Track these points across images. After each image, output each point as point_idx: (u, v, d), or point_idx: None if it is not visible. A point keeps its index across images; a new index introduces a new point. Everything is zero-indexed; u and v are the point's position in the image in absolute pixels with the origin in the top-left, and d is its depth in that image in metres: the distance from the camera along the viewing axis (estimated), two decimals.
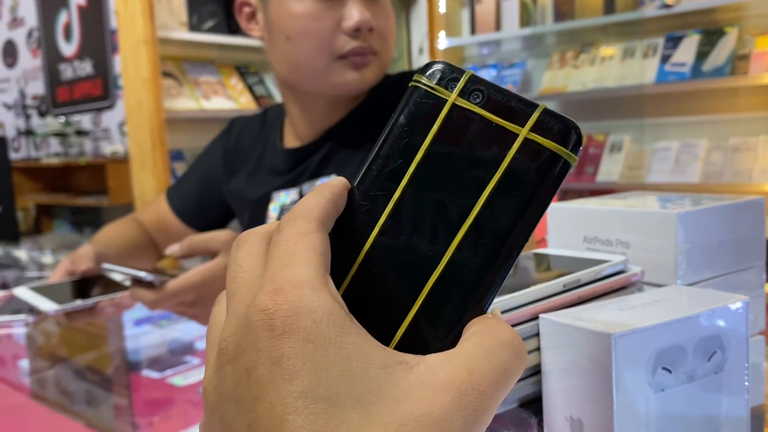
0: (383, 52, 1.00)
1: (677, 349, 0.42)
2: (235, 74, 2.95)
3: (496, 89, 0.28)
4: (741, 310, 0.45)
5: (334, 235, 0.27)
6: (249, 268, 0.26)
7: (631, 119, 3.09)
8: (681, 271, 0.53)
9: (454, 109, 0.28)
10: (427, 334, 0.26)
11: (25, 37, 4.88)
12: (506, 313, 0.47)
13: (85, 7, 4.28)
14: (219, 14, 2.79)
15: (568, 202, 0.62)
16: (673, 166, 2.90)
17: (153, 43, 2.45)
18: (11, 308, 1.07)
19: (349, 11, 0.94)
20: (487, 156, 0.27)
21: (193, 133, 2.85)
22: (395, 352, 0.24)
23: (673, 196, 0.62)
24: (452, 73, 0.28)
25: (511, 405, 0.48)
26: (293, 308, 0.23)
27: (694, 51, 2.84)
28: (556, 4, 3.21)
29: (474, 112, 0.27)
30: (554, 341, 0.45)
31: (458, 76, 0.28)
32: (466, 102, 0.28)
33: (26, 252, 1.87)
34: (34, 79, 4.87)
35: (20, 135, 4.92)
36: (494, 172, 0.27)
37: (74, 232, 4.61)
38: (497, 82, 0.27)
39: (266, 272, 0.25)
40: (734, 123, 2.87)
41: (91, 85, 4.35)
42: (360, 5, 0.95)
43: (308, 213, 0.26)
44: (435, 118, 0.28)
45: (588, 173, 3.10)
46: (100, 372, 0.91)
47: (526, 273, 0.54)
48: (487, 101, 0.27)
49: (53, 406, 0.78)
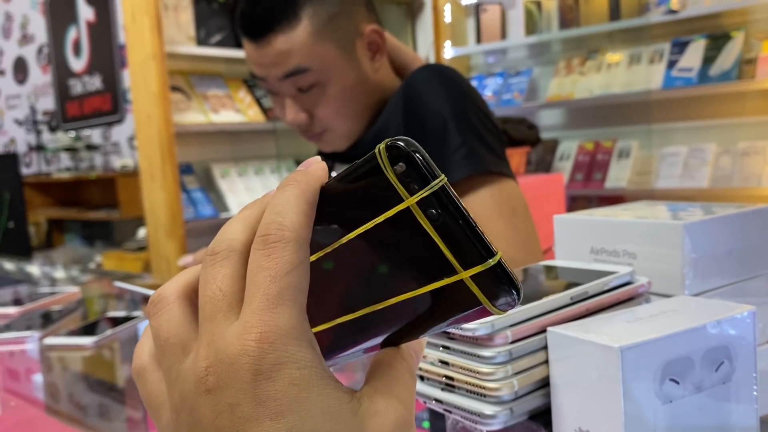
0: (334, 127, 1.06)
1: (685, 360, 0.42)
2: (243, 87, 2.97)
3: (457, 216, 0.25)
4: (748, 320, 0.45)
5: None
6: (228, 291, 0.27)
7: (639, 125, 3.09)
8: (688, 281, 0.53)
9: (406, 211, 0.25)
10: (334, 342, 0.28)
11: (35, 53, 4.93)
12: (514, 327, 0.48)
13: (94, 22, 4.32)
14: (226, 28, 2.81)
15: (575, 213, 0.63)
16: (682, 171, 2.89)
17: (161, 58, 2.47)
18: (24, 324, 1.08)
19: (286, 112, 1.05)
20: (422, 267, 0.26)
21: (202, 146, 2.87)
22: (348, 388, 0.27)
23: (683, 205, 0.62)
24: (421, 172, 0.25)
25: (520, 417, 0.48)
26: (280, 358, 0.25)
27: (700, 56, 2.84)
28: (562, 12, 3.22)
29: (423, 228, 0.25)
30: (562, 354, 0.45)
31: (425, 179, 0.25)
32: (421, 214, 0.25)
33: (38, 267, 1.88)
34: (45, 95, 4.91)
35: (31, 150, 4.97)
36: (416, 288, 0.26)
37: (85, 245, 4.63)
38: (504, 91, 0.27)
39: (250, 306, 0.25)
40: (742, 127, 2.87)
41: (100, 100, 4.39)
42: (291, 106, 1.04)
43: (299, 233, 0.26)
44: (387, 205, 0.26)
45: (596, 179, 3.09)
46: (113, 386, 0.92)
47: (535, 284, 0.55)
48: (443, 224, 0.25)
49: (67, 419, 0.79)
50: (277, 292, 0.25)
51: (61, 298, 1.27)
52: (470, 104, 1.04)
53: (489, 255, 0.25)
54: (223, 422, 0.25)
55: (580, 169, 3.16)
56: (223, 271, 0.27)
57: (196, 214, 2.70)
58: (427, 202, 0.25)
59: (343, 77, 1.03)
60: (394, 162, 0.25)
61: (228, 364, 0.25)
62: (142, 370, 0.29)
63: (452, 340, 0.49)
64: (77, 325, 1.08)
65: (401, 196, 0.25)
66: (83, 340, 0.97)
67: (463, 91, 1.05)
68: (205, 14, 2.79)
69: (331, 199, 0.28)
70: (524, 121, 3.12)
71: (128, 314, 1.09)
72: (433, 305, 0.26)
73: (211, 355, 0.25)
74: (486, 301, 0.25)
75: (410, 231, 0.25)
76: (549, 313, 0.49)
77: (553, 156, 3.27)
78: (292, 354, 0.25)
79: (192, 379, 0.26)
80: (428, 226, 0.25)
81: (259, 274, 0.26)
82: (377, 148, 0.26)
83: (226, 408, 0.25)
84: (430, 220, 0.25)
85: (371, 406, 0.27)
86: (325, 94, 1.03)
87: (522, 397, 0.48)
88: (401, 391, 0.28)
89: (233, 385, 0.25)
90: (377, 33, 1.04)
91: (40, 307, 1.20)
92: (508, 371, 0.47)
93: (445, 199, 0.25)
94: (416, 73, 1.07)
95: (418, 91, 1.04)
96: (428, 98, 1.02)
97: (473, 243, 0.25)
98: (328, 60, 1.00)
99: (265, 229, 0.26)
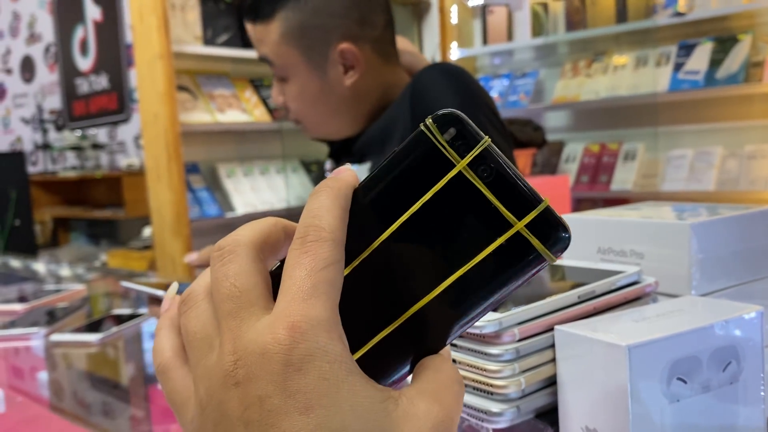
0: (301, 119, 1.15)
1: (692, 359, 0.42)
2: (250, 87, 2.98)
3: (506, 169, 0.26)
4: (756, 320, 0.45)
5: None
6: (244, 286, 0.27)
7: (645, 127, 3.08)
8: (695, 282, 0.53)
9: (458, 175, 0.27)
10: (388, 358, 0.28)
11: (43, 52, 4.95)
12: (522, 325, 0.47)
13: (101, 22, 4.34)
14: (233, 28, 2.82)
15: (582, 213, 0.63)
16: (688, 174, 2.89)
17: (168, 58, 2.48)
18: (29, 321, 1.08)
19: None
20: (476, 234, 0.26)
21: (208, 145, 2.87)
22: (384, 387, 0.26)
23: (688, 206, 0.62)
24: (468, 136, 0.27)
25: (527, 416, 0.48)
26: (310, 349, 0.24)
27: (707, 59, 2.83)
28: (568, 14, 3.21)
29: (477, 187, 0.26)
30: (569, 352, 0.45)
31: (472, 142, 0.27)
32: (473, 175, 0.26)
33: (44, 264, 1.89)
34: (51, 94, 4.93)
35: (37, 149, 4.98)
36: (479, 252, 0.26)
37: (90, 244, 4.65)
38: (510, 92, 0.27)
39: (284, 298, 0.26)
40: (749, 130, 2.86)
41: (107, 99, 4.40)
42: (275, 86, 1.15)
43: (336, 234, 0.27)
44: (437, 177, 0.27)
45: (602, 182, 3.09)
46: (117, 384, 0.92)
47: (542, 284, 0.55)
48: (494, 180, 0.26)
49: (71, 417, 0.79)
50: (311, 285, 0.25)
51: (67, 296, 1.27)
52: (479, 103, 1.04)
53: (539, 200, 0.26)
54: (251, 415, 0.24)
55: (585, 171, 3.16)
56: (233, 266, 0.27)
57: (202, 213, 2.70)
58: (478, 162, 0.26)
59: (304, 82, 1.10)
60: (444, 130, 0.27)
61: (259, 355, 0.25)
62: (166, 368, 0.29)
63: (459, 337, 0.49)
64: (82, 322, 1.08)
65: (452, 161, 0.27)
66: (88, 338, 0.98)
67: (471, 89, 1.05)
68: (212, 14, 2.79)
69: (365, 201, 0.28)
70: (530, 123, 3.12)
71: (133, 312, 1.10)
72: (491, 271, 0.26)
73: (239, 348, 0.25)
74: (542, 247, 0.26)
75: (462, 197, 0.26)
76: (556, 311, 0.49)
77: (559, 158, 3.27)
78: (324, 346, 0.25)
79: (219, 374, 0.25)
80: (481, 185, 0.26)
81: (295, 270, 0.26)
82: (425, 122, 0.27)
83: (255, 401, 0.24)
84: (481, 179, 0.26)
85: (410, 409, 0.26)
86: (289, 90, 1.12)
87: (529, 395, 0.48)
88: (446, 396, 0.27)
89: (263, 376, 0.24)
90: (351, 52, 1.08)
91: (45, 305, 1.20)
92: (515, 369, 0.47)
93: (493, 156, 0.26)
94: (424, 71, 1.07)
95: (426, 88, 1.04)
96: (436, 96, 1.03)
97: (524, 192, 0.26)
98: (291, 63, 1.09)
99: (303, 231, 0.27)
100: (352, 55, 1.08)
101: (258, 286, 0.27)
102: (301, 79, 1.10)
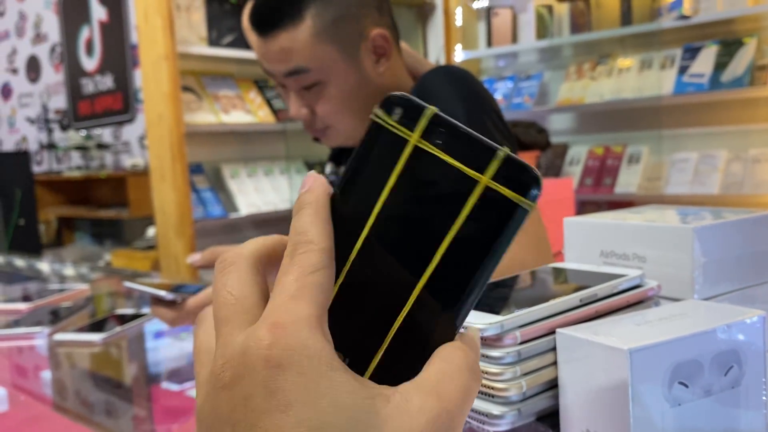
0: (335, 124, 1.08)
1: (694, 363, 0.42)
2: (254, 88, 2.98)
3: (456, 130, 0.27)
4: (758, 325, 0.45)
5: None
6: (239, 294, 0.28)
7: (649, 130, 3.07)
8: (698, 286, 0.53)
9: (416, 149, 0.27)
10: (398, 365, 0.27)
11: (48, 52, 4.97)
12: (523, 328, 0.47)
13: (106, 22, 4.35)
14: (238, 29, 2.82)
15: (585, 216, 0.63)
16: (692, 177, 2.88)
17: (173, 58, 2.48)
18: (33, 320, 1.08)
19: (290, 106, 1.08)
20: (448, 201, 0.27)
21: (212, 146, 2.87)
22: (374, 384, 0.26)
23: (692, 209, 0.62)
24: (413, 110, 0.27)
25: (528, 418, 0.48)
26: (290, 344, 0.25)
27: (712, 62, 2.82)
28: (573, 16, 3.21)
29: (436, 155, 0.27)
30: (571, 355, 0.45)
31: (418, 114, 0.27)
32: (427, 144, 0.27)
33: (48, 264, 1.89)
34: (57, 94, 4.95)
35: (43, 149, 5.00)
36: (454, 219, 0.26)
37: (95, 244, 4.65)
38: (514, 95, 0.27)
39: (272, 302, 0.26)
40: (754, 134, 2.85)
41: (112, 99, 4.41)
42: (294, 101, 1.06)
43: (323, 243, 0.27)
44: (396, 159, 0.27)
45: (606, 185, 3.08)
46: (120, 384, 0.93)
47: (544, 287, 0.55)
48: (448, 143, 0.27)
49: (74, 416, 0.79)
50: (297, 287, 0.26)
51: (70, 295, 1.27)
52: (484, 106, 1.04)
53: (495, 151, 0.26)
54: (237, 416, 0.25)
55: (589, 174, 3.15)
56: (232, 276, 0.28)
57: (206, 213, 2.71)
58: (430, 132, 0.27)
59: (343, 79, 1.04)
60: (391, 111, 0.28)
61: (241, 354, 0.25)
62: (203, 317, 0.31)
63: None
64: (86, 322, 1.08)
65: (406, 138, 0.27)
66: (91, 337, 0.98)
67: (476, 92, 1.05)
68: (217, 15, 2.80)
69: (343, 203, 0.28)
70: (534, 125, 3.11)
71: (136, 312, 1.10)
72: (476, 236, 0.26)
73: (227, 352, 0.26)
74: (514, 195, 0.26)
75: (426, 170, 0.27)
76: (558, 314, 0.49)
77: (563, 160, 3.26)
78: (304, 340, 0.25)
79: (211, 379, 0.26)
80: (438, 152, 0.27)
81: (284, 276, 0.27)
82: (373, 111, 0.28)
83: (241, 401, 0.25)
84: (437, 147, 0.27)
85: (402, 405, 0.25)
86: (325, 94, 1.05)
87: (530, 398, 0.48)
88: (447, 388, 0.26)
89: (246, 375, 0.25)
90: (383, 38, 1.05)
91: (49, 304, 1.21)
92: (517, 372, 0.47)
93: (444, 122, 0.27)
94: (429, 74, 1.07)
95: (431, 91, 1.04)
96: (441, 99, 1.02)
97: (482, 147, 0.26)
98: (329, 61, 1.02)
99: (293, 248, 0.28)
100: (384, 40, 1.05)
101: (253, 296, 0.28)
102: (339, 78, 1.04)
